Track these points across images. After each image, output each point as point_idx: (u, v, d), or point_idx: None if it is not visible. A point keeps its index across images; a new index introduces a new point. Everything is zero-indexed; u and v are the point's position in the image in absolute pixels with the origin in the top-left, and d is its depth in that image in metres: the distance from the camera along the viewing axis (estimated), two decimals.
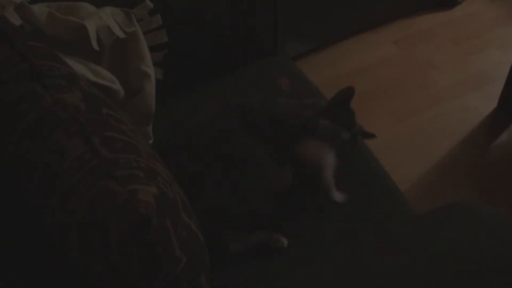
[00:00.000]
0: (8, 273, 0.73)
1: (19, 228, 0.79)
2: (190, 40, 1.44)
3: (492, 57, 2.33)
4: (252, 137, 1.15)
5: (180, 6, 1.39)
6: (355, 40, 2.38)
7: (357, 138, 1.27)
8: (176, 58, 1.36)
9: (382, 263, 0.83)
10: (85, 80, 0.93)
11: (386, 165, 1.30)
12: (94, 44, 1.11)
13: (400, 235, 0.91)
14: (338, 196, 1.18)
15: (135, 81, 1.21)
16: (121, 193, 0.67)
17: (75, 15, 1.13)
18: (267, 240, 1.11)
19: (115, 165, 0.70)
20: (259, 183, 1.12)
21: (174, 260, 0.70)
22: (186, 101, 1.36)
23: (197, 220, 0.81)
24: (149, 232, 0.66)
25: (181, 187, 0.82)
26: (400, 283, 0.79)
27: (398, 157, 1.90)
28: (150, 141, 1.26)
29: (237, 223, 1.11)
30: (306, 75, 1.54)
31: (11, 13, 1.03)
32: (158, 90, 1.25)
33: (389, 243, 0.89)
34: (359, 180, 1.24)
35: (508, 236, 0.85)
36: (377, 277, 0.81)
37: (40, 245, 0.77)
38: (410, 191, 1.79)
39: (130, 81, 1.21)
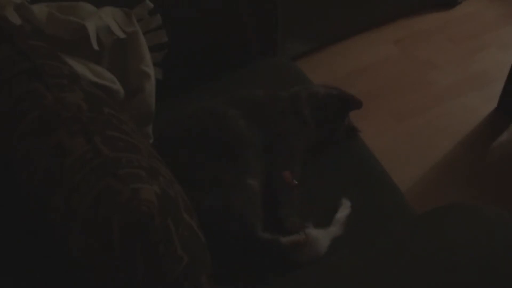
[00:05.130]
0: (8, 273, 0.73)
1: (20, 228, 0.79)
2: (190, 40, 1.44)
3: (492, 57, 2.33)
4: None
5: (180, 6, 1.39)
6: (355, 40, 2.38)
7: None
8: (176, 58, 1.36)
9: (382, 263, 0.83)
10: (86, 80, 0.93)
11: (386, 165, 1.30)
12: (94, 44, 1.11)
13: (400, 235, 0.91)
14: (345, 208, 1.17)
15: (135, 81, 1.21)
16: (123, 192, 0.67)
17: (75, 15, 1.13)
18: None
19: (117, 164, 0.70)
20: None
21: (175, 259, 0.70)
22: (186, 101, 1.36)
23: (198, 220, 0.81)
24: (151, 231, 0.66)
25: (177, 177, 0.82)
26: (401, 283, 0.79)
27: (398, 157, 1.90)
28: (150, 141, 1.26)
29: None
30: (306, 75, 1.54)
31: (11, 13, 1.02)
32: (158, 90, 1.25)
33: (390, 243, 0.89)
34: (359, 180, 1.24)
35: (511, 236, 0.85)
36: (378, 277, 0.81)
37: (41, 245, 0.77)
38: (410, 191, 1.79)
39: (130, 81, 1.21)
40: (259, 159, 1.16)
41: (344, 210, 1.15)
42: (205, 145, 1.15)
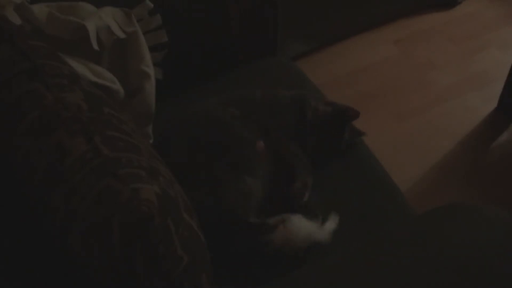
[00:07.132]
0: (8, 273, 0.73)
1: (20, 228, 0.79)
2: (190, 40, 1.44)
3: (492, 57, 2.33)
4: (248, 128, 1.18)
5: (180, 6, 1.39)
6: (355, 40, 2.38)
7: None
8: (176, 58, 1.36)
9: (382, 264, 0.83)
10: (86, 80, 0.93)
11: (386, 165, 1.30)
12: (94, 44, 1.11)
13: (400, 235, 0.91)
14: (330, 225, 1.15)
15: (135, 81, 1.21)
16: (123, 192, 0.67)
17: (75, 15, 1.13)
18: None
19: (117, 164, 0.70)
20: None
21: (176, 259, 0.70)
22: (186, 101, 1.36)
23: (198, 219, 0.81)
24: (151, 231, 0.66)
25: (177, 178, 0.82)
26: (401, 283, 0.79)
27: (398, 157, 1.90)
28: (150, 141, 1.26)
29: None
30: (306, 75, 1.54)
31: (11, 13, 1.03)
32: (158, 90, 1.25)
33: (390, 243, 0.89)
34: (359, 180, 1.24)
35: (511, 236, 0.85)
36: (378, 277, 0.81)
37: (41, 245, 0.77)
38: (411, 191, 1.79)
39: (130, 81, 1.21)
40: (260, 159, 1.16)
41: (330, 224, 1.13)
42: (205, 145, 1.15)
